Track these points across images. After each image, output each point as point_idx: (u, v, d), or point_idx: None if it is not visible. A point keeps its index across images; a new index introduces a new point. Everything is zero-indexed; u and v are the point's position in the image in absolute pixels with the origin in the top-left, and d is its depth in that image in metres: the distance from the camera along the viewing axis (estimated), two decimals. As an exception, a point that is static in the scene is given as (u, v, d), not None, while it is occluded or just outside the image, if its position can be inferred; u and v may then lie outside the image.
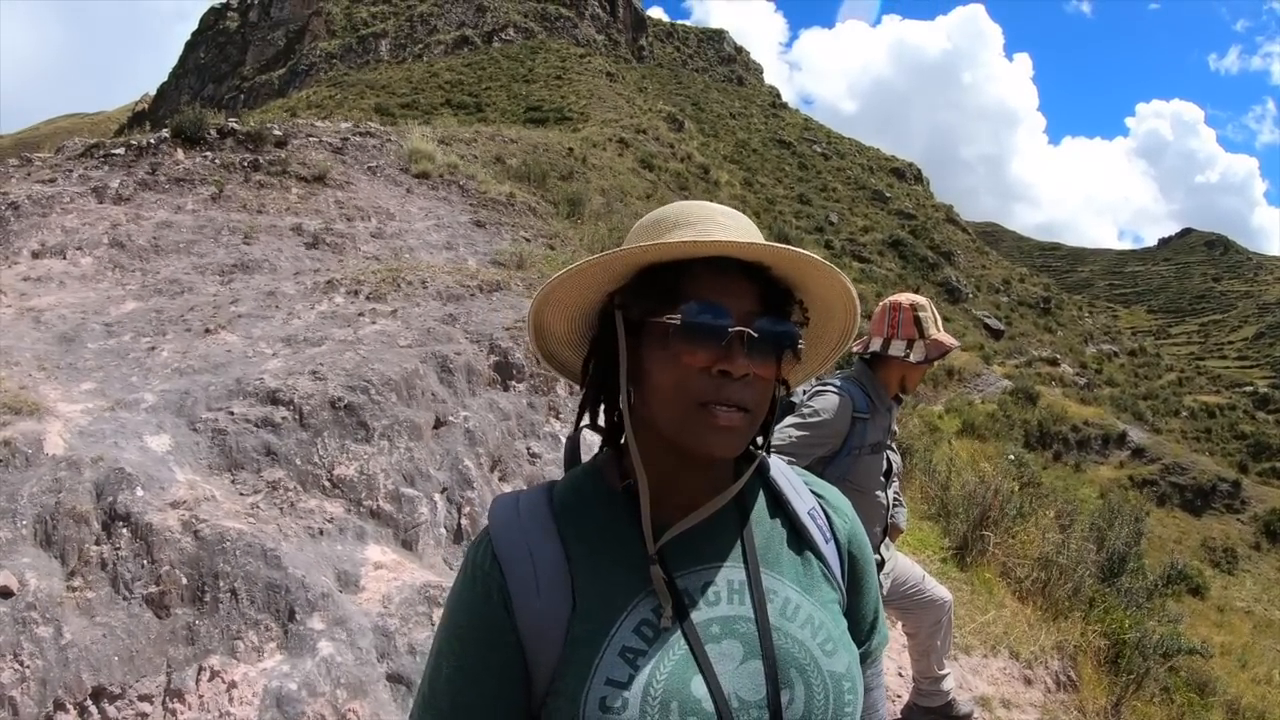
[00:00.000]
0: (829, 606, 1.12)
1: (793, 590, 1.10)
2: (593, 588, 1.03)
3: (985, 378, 32.61)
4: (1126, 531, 7.93)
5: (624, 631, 1.00)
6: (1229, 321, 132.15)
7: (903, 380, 3.42)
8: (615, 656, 0.98)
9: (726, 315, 1.00)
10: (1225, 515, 29.71)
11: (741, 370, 1.00)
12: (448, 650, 1.05)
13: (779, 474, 1.23)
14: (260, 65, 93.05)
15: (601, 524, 1.09)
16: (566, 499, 1.12)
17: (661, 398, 1.03)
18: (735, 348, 1.00)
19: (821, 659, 1.05)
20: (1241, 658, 11.52)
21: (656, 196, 25.89)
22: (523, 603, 1.02)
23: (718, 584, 1.07)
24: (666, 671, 0.98)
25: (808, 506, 1.21)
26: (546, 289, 1.11)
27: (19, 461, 3.37)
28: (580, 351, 1.21)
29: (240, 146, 9.73)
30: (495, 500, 1.14)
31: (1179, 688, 5.89)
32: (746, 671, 1.01)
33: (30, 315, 5.30)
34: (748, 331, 1.00)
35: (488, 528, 1.10)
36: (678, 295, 1.02)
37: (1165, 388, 58.64)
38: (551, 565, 1.04)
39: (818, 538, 1.17)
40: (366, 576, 3.92)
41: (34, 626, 2.85)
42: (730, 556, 1.10)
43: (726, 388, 1.00)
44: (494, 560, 1.05)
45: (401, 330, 5.67)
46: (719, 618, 1.04)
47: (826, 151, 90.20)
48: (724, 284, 1.03)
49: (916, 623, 3.90)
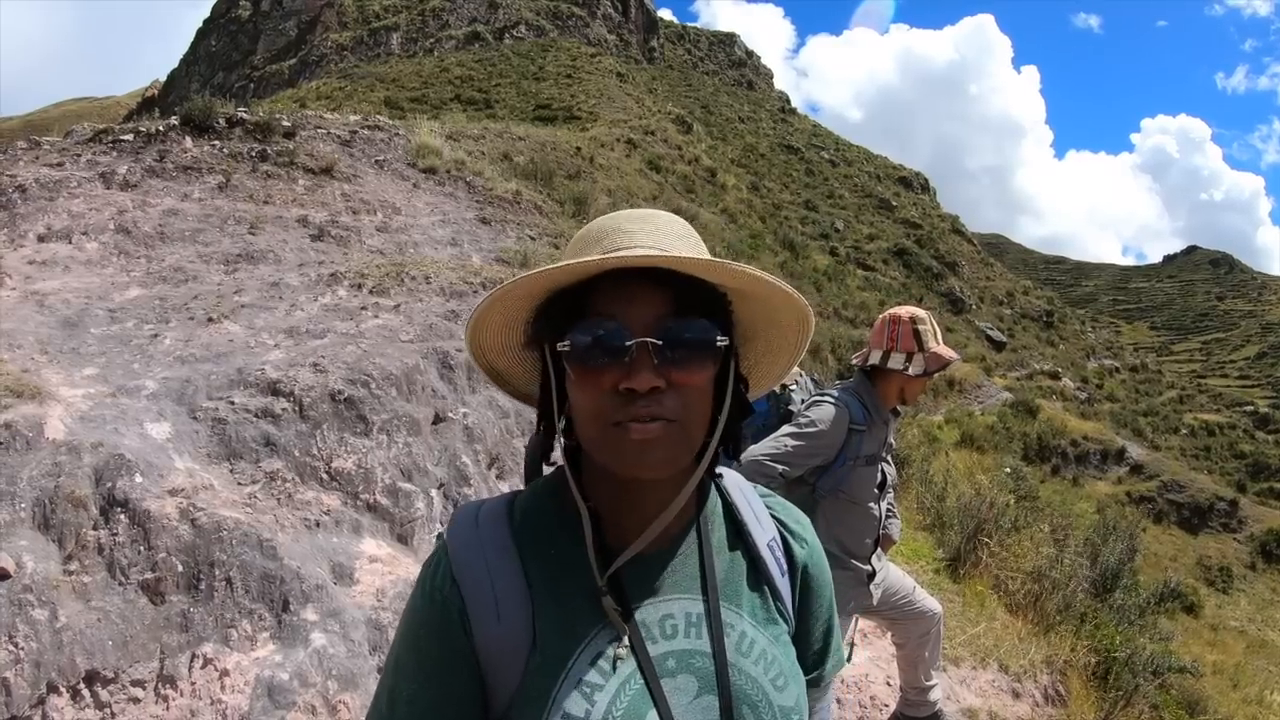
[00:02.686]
0: (780, 640, 1.12)
1: (749, 624, 1.09)
2: (551, 616, 1.02)
3: (986, 389, 32.58)
4: (1121, 547, 7.93)
5: (580, 664, 0.99)
6: (1231, 340, 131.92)
7: (901, 392, 3.43)
8: (572, 689, 0.97)
9: (621, 330, 0.97)
10: (1222, 534, 29.72)
11: (646, 384, 0.95)
12: (406, 671, 1.03)
13: (743, 503, 1.20)
14: (271, 55, 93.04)
15: (560, 547, 1.06)
16: (527, 517, 1.09)
17: (580, 421, 1.03)
18: (640, 361, 0.96)
19: (773, 694, 1.05)
20: (1233, 677, 11.51)
21: (663, 198, 25.91)
22: (482, 628, 1.00)
23: (676, 616, 1.06)
24: (623, 707, 0.97)
25: (768, 537, 1.19)
26: (473, 322, 1.08)
27: (19, 445, 3.38)
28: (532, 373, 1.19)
29: (249, 136, 9.74)
30: (455, 514, 1.12)
31: (1169, 705, 5.90)
32: (700, 706, 1.01)
33: (34, 299, 5.32)
34: (651, 341, 0.96)
35: (444, 546, 1.07)
36: (584, 312, 0.99)
37: (1166, 405, 58.64)
38: (511, 590, 1.02)
39: (774, 571, 1.16)
40: (361, 570, 3.94)
41: (29, 609, 2.86)
42: (689, 589, 1.08)
43: (635, 404, 0.96)
44: (453, 583, 1.03)
45: (404, 325, 5.69)
46: (675, 651, 1.03)
47: (834, 158, 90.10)
48: (627, 295, 0.99)
49: (905, 633, 3.91)
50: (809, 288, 33.78)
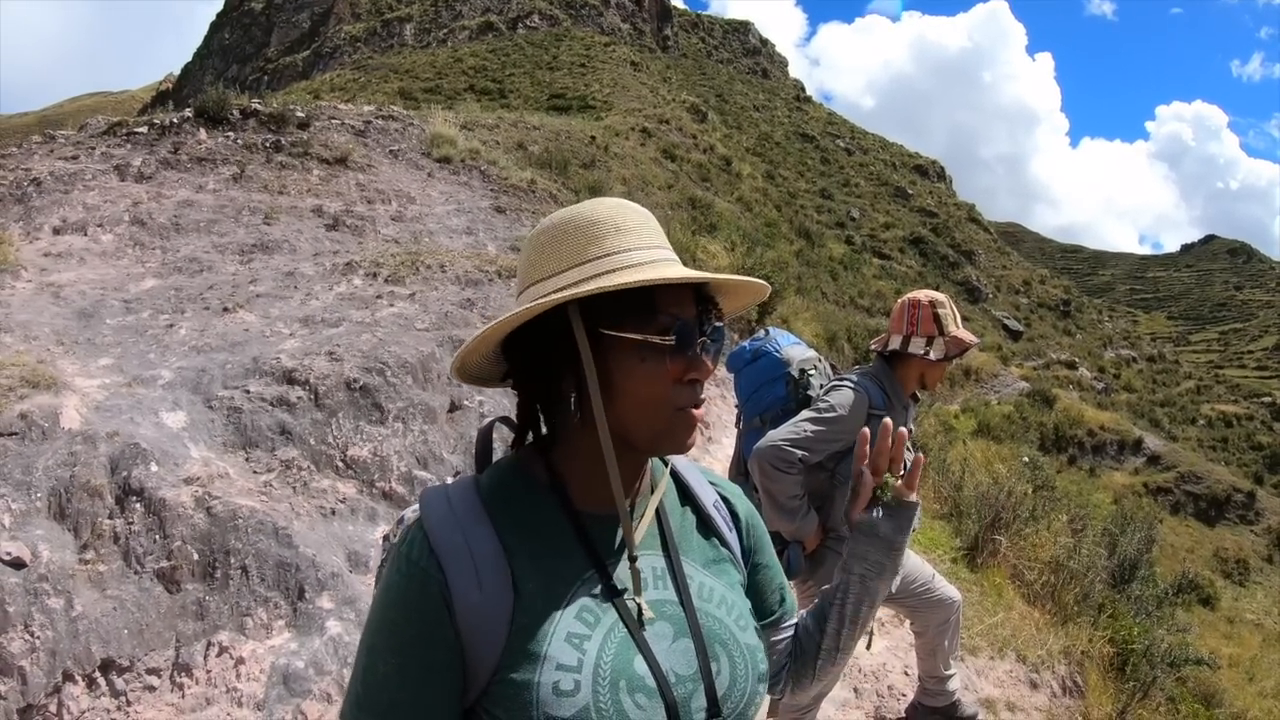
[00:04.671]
0: (735, 587, 1.25)
1: (705, 575, 1.22)
2: (532, 577, 1.07)
3: (1002, 379, 32.42)
4: (1138, 539, 7.87)
5: (567, 618, 1.06)
6: (1249, 331, 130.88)
7: (922, 378, 3.38)
8: (562, 643, 1.04)
9: (693, 329, 1.08)
10: (1239, 526, 29.53)
11: (708, 375, 1.11)
12: (383, 648, 1.05)
13: (682, 466, 1.34)
14: (284, 47, 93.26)
15: (533, 515, 1.13)
16: (495, 489, 1.16)
17: (640, 407, 1.09)
18: (702, 356, 1.10)
19: (738, 633, 1.18)
20: (1250, 671, 11.44)
21: (678, 187, 25.81)
22: (463, 599, 1.04)
23: (643, 570, 1.15)
24: (611, 653, 1.05)
25: (712, 498, 1.32)
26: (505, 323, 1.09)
27: (35, 434, 3.39)
28: (492, 359, 1.21)
29: (263, 128, 9.76)
30: (424, 493, 1.16)
31: (1185, 698, 5.85)
32: (678, 649, 1.11)
33: (50, 290, 5.33)
34: (706, 339, 1.10)
35: (419, 521, 1.11)
36: (654, 309, 1.07)
37: (1183, 395, 58.28)
38: (489, 556, 1.07)
39: (722, 526, 1.30)
40: (377, 558, 3.93)
41: (45, 598, 2.87)
42: (651, 545, 1.19)
43: (695, 392, 1.11)
44: (431, 555, 1.06)
45: (419, 313, 5.68)
46: (650, 602, 1.12)
47: (850, 147, 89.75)
48: (683, 297, 1.10)
49: (925, 621, 3.87)
50: (825, 276, 33.67)
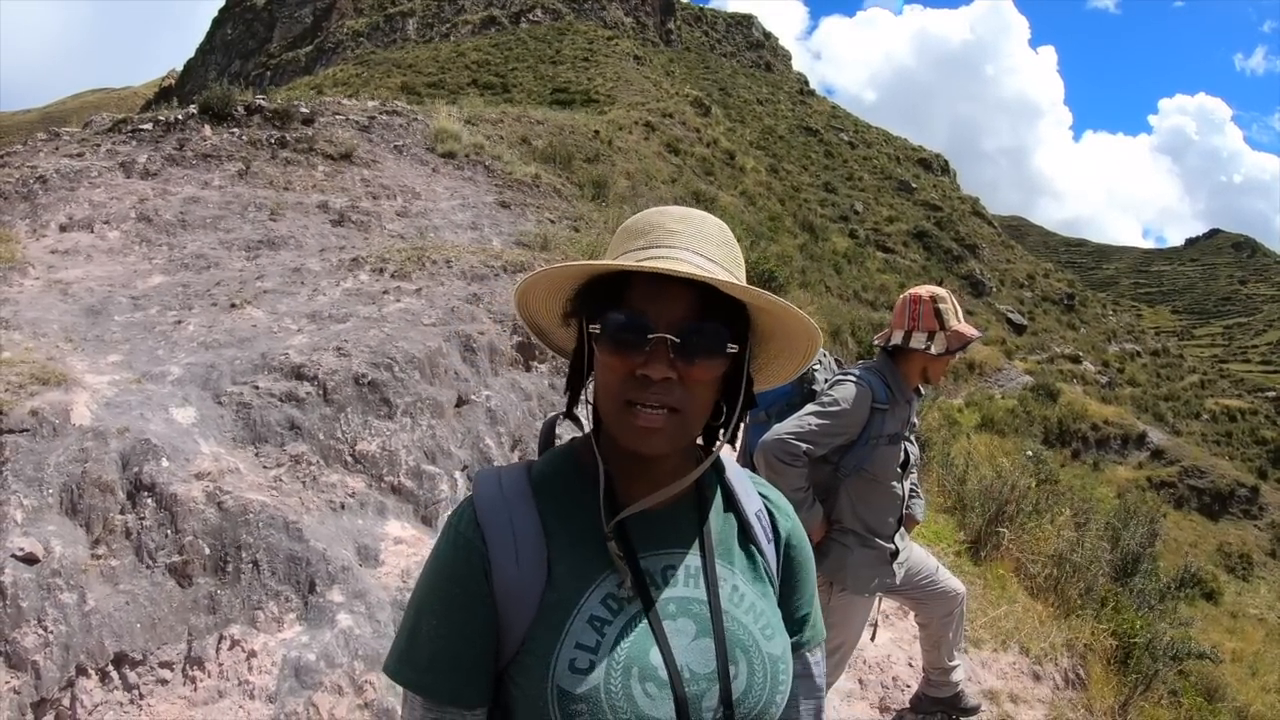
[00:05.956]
0: (766, 596, 1.26)
1: (740, 579, 1.23)
2: (565, 560, 1.14)
3: (1006, 373, 32.44)
4: (1142, 533, 7.88)
5: (592, 601, 1.12)
6: (1254, 325, 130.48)
7: (924, 372, 3.41)
8: (584, 623, 1.10)
9: (648, 325, 1.08)
10: (1242, 521, 29.52)
11: (660, 374, 1.07)
12: (428, 609, 1.15)
13: (733, 474, 1.34)
14: (287, 43, 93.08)
15: (576, 501, 1.19)
16: (544, 477, 1.22)
17: (600, 394, 1.16)
18: (658, 353, 1.08)
19: (762, 641, 1.18)
20: (1252, 665, 11.48)
21: (682, 180, 25.81)
22: (501, 570, 1.12)
23: (676, 568, 1.19)
24: (629, 641, 1.10)
25: (755, 507, 1.32)
26: (520, 290, 1.23)
27: (46, 431, 3.42)
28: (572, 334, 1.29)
29: (267, 123, 9.78)
30: (479, 473, 1.23)
31: (1187, 692, 5.88)
32: (698, 647, 1.13)
33: (58, 288, 5.36)
34: (669, 338, 1.08)
35: (471, 497, 1.20)
36: (619, 302, 1.11)
37: (1187, 389, 58.10)
38: (530, 537, 1.14)
39: (761, 536, 1.30)
40: (386, 551, 3.97)
41: (58, 593, 2.90)
42: (689, 545, 1.21)
43: (647, 389, 1.08)
44: (476, 528, 1.15)
45: (425, 309, 5.70)
46: (676, 598, 1.16)
47: (853, 140, 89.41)
48: (657, 292, 1.10)
49: (929, 613, 3.90)
50: (828, 270, 33.60)
